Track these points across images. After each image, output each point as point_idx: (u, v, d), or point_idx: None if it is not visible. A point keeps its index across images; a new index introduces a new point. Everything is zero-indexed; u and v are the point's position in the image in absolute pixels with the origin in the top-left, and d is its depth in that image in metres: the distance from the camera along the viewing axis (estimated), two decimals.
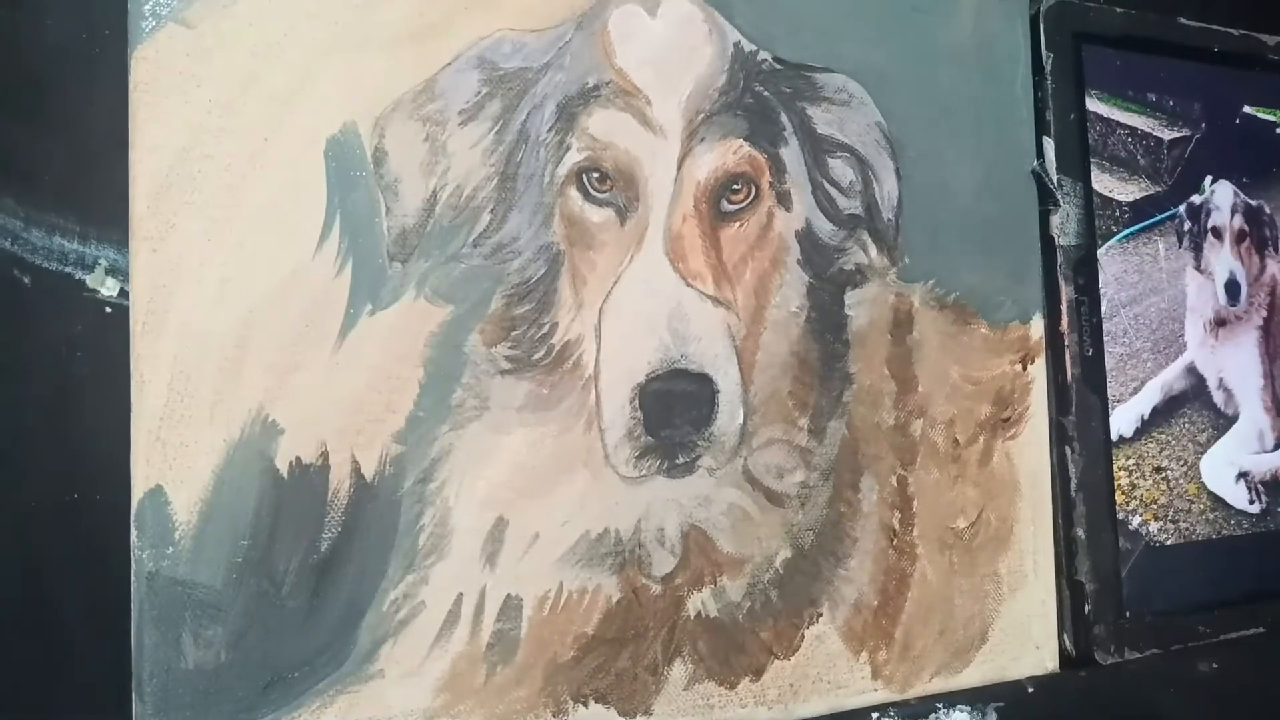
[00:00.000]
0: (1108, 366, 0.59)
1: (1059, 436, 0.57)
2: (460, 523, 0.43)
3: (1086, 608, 0.56)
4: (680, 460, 0.47)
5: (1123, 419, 0.60)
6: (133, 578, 0.38)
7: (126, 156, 0.39)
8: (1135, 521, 0.60)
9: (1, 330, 0.38)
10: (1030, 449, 0.56)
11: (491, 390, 0.44)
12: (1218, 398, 0.64)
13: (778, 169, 0.49)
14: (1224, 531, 0.63)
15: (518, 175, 0.45)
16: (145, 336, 0.39)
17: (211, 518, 0.39)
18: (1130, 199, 0.62)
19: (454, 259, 0.44)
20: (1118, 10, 0.62)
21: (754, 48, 0.50)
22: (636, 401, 0.46)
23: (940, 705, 0.52)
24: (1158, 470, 0.61)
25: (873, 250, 0.52)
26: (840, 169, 0.51)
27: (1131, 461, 0.60)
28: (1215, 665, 0.60)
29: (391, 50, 0.43)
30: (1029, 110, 0.57)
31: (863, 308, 0.52)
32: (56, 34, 0.40)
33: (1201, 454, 0.63)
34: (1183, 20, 0.64)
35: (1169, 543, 0.61)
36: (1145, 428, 0.61)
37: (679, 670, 0.47)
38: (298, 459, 0.41)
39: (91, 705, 0.39)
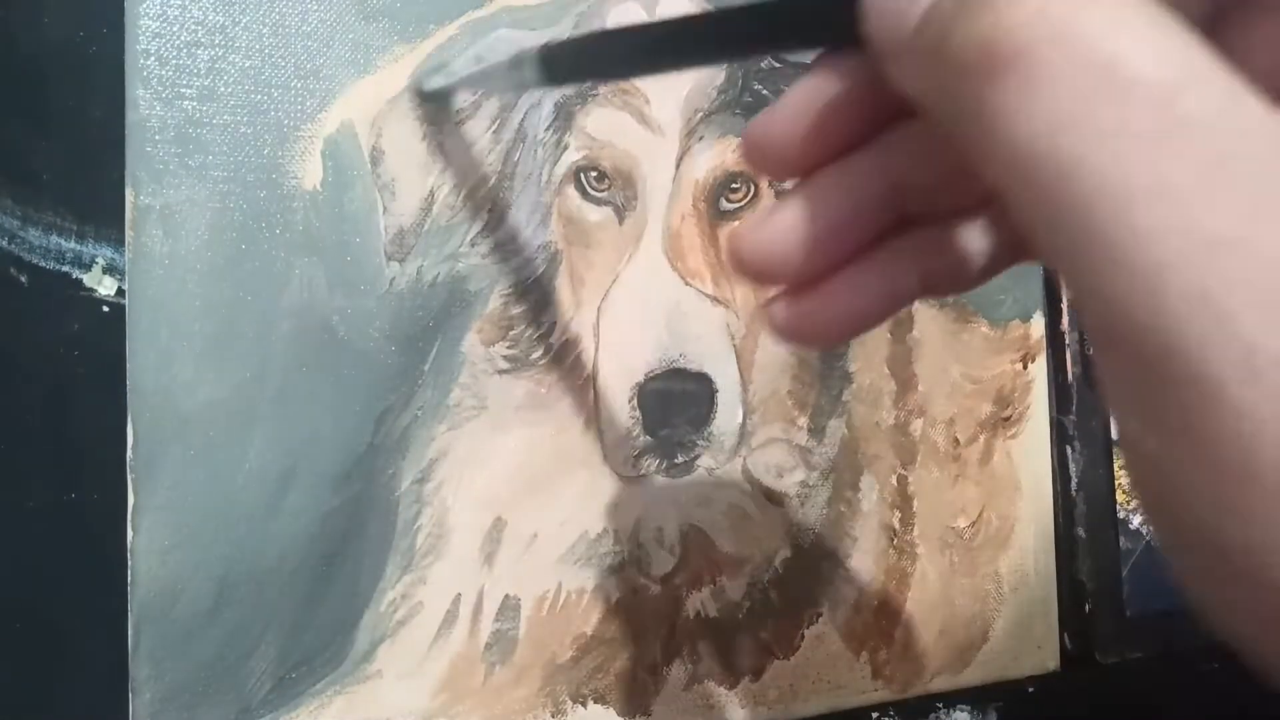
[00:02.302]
0: None
1: (1059, 435, 0.57)
2: (458, 523, 0.43)
3: (1087, 607, 0.56)
4: (679, 460, 0.47)
5: None
6: (130, 578, 0.38)
7: (124, 154, 0.39)
8: (1136, 521, 0.59)
9: None
10: (1031, 448, 0.56)
11: (489, 390, 0.44)
12: None
13: None
14: None
15: (515, 174, 0.45)
16: (143, 336, 0.39)
17: (210, 518, 0.39)
18: None
19: (451, 258, 0.44)
20: None
21: None
22: (635, 401, 0.45)
23: (940, 705, 0.52)
24: None
25: None
26: None
27: None
28: (1215, 665, 0.60)
29: (389, 49, 0.43)
30: None
31: None
32: (53, 31, 0.39)
33: None
34: None
35: None
36: None
37: (678, 670, 0.47)
38: None
39: (89, 706, 0.39)
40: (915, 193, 0.22)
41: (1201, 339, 0.14)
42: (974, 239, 0.23)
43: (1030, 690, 0.54)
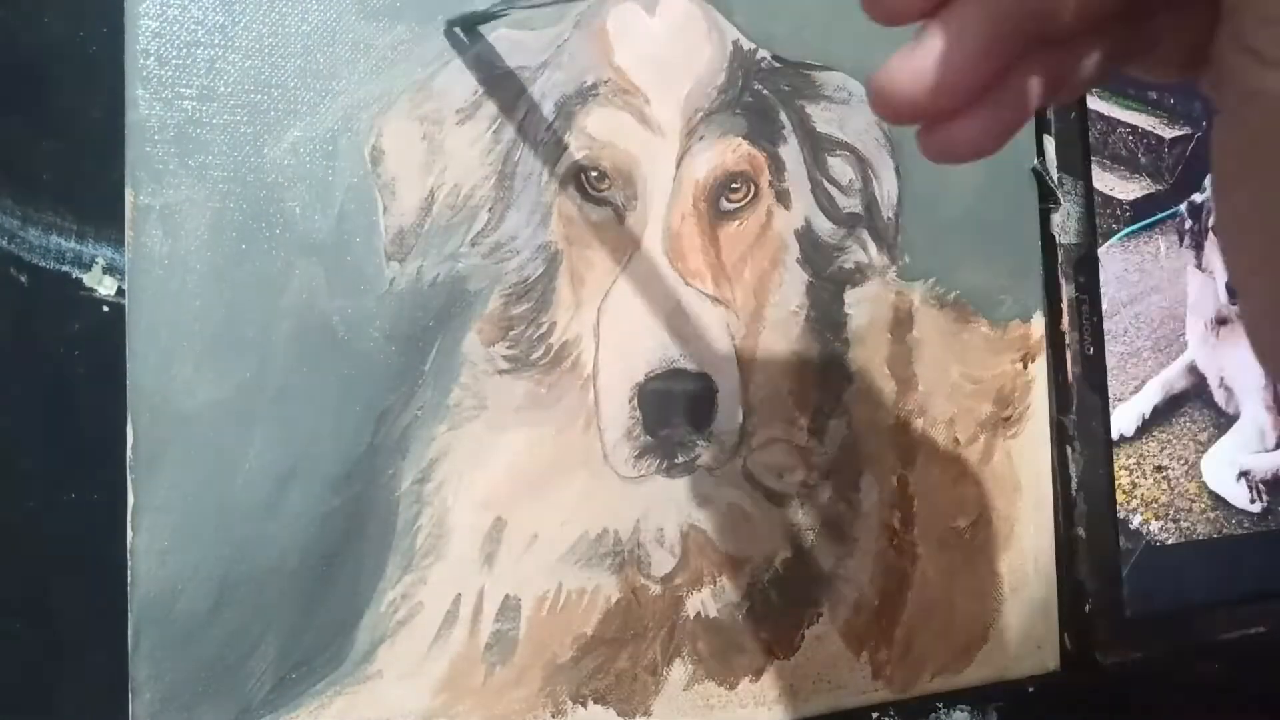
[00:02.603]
0: (1108, 365, 0.59)
1: (1060, 435, 0.57)
2: (458, 523, 0.43)
3: (1086, 608, 0.56)
4: (679, 460, 0.47)
5: (1123, 418, 0.60)
6: (130, 578, 0.38)
7: (124, 154, 0.39)
8: (1136, 521, 0.59)
9: None
10: (1031, 448, 0.56)
11: (489, 390, 0.44)
12: (1219, 396, 0.64)
13: (777, 167, 0.49)
14: (1225, 531, 0.63)
15: (515, 174, 0.45)
16: (143, 336, 0.39)
17: (210, 518, 0.39)
18: (1131, 197, 0.62)
19: (451, 258, 0.44)
20: None
21: (753, 46, 0.49)
22: (635, 401, 0.45)
23: (940, 705, 0.52)
24: (1158, 469, 0.61)
25: (872, 249, 0.52)
26: (840, 167, 0.51)
27: (1132, 460, 0.60)
28: (1215, 665, 0.60)
29: (389, 50, 0.43)
30: None
31: (863, 306, 0.52)
32: (53, 31, 0.39)
33: (1202, 453, 0.63)
34: None
35: (1170, 542, 0.61)
36: (1146, 427, 0.61)
37: (679, 671, 0.47)
38: None
39: (89, 706, 0.39)
40: (1041, 16, 0.23)
41: None
42: (1091, 49, 0.25)
43: (1030, 690, 0.54)
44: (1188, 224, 0.64)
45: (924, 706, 0.52)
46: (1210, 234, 0.64)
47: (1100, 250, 0.60)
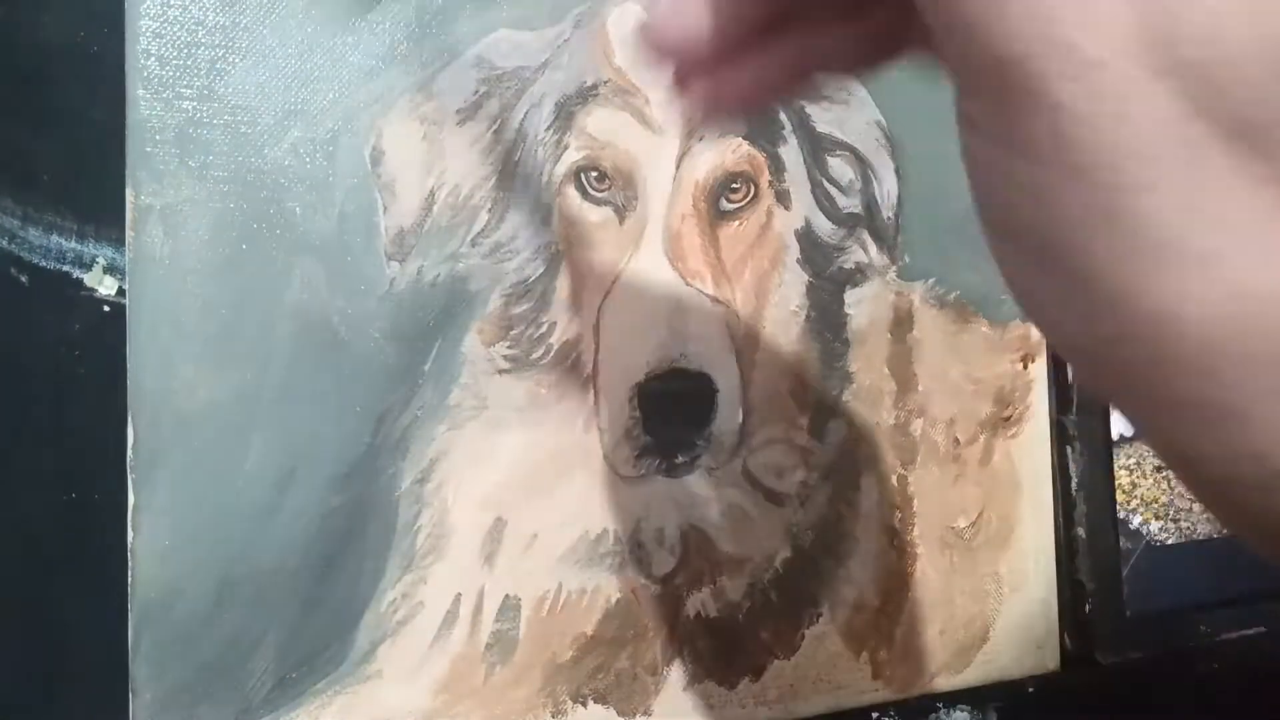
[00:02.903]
0: None
1: (1060, 435, 0.57)
2: (458, 523, 0.43)
3: (1087, 607, 0.56)
4: (679, 460, 0.47)
5: (1124, 418, 0.60)
6: (130, 578, 0.38)
7: (124, 154, 0.39)
8: (1136, 521, 0.59)
9: None
10: (1031, 448, 0.56)
11: (489, 390, 0.44)
12: None
13: (777, 167, 0.49)
14: (1225, 531, 0.63)
15: (516, 174, 0.45)
16: (143, 336, 0.39)
17: (210, 518, 0.39)
18: None
19: (452, 258, 0.44)
20: None
21: None
22: (635, 401, 0.45)
23: (940, 705, 0.52)
24: (1158, 469, 0.61)
25: (872, 249, 0.52)
26: (840, 167, 0.51)
27: (1132, 460, 0.60)
28: (1215, 665, 0.60)
29: (389, 50, 0.43)
30: None
31: (863, 306, 0.52)
32: (54, 31, 0.39)
33: None
34: None
35: (1170, 542, 0.61)
36: None
37: (678, 670, 0.47)
38: None
39: (89, 706, 0.39)
40: None
41: (1033, 45, 0.15)
42: (855, 28, 0.25)
43: (1030, 690, 0.54)
44: None
45: (924, 706, 0.52)
46: None
47: None
